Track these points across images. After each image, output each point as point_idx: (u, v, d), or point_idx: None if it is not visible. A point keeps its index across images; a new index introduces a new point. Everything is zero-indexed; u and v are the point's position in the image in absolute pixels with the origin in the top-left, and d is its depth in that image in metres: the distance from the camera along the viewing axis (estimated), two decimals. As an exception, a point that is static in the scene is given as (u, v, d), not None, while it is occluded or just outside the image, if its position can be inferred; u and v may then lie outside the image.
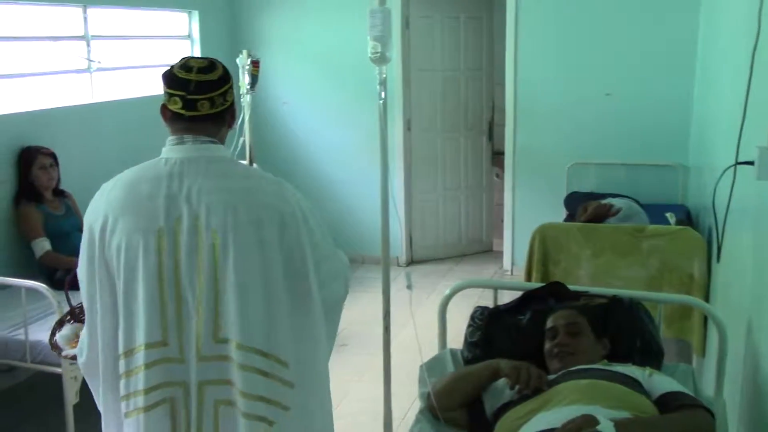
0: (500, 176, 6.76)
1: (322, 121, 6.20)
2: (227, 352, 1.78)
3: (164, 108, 1.85)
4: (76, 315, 2.32)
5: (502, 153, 6.46)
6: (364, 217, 6.24)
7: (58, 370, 3.24)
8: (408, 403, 3.90)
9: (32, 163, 4.04)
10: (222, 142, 1.90)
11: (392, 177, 6.08)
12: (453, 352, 2.61)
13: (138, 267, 1.78)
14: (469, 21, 6.09)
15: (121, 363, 1.82)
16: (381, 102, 2.60)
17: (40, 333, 3.36)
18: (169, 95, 1.82)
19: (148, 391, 1.79)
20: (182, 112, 1.81)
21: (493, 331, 2.49)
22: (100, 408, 1.93)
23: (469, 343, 2.53)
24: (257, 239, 1.78)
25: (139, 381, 1.80)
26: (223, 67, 1.87)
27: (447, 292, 2.71)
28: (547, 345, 2.31)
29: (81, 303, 2.02)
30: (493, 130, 6.45)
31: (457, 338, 2.94)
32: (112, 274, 1.81)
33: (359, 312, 5.21)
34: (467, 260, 6.37)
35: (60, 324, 2.31)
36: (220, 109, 1.85)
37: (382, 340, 4.68)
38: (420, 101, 6.06)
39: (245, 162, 4.53)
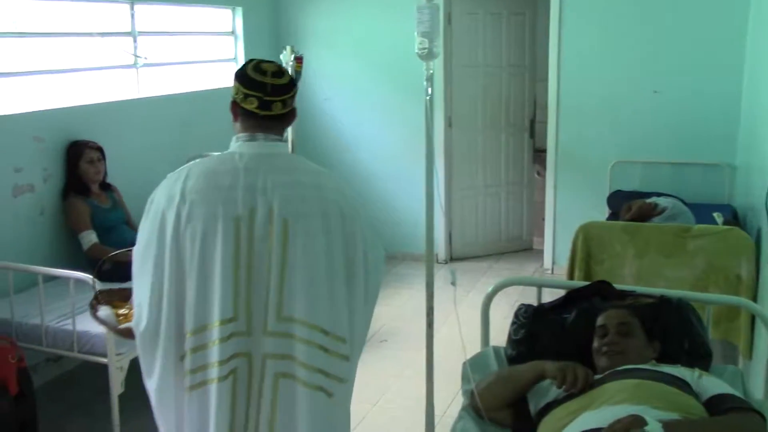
0: (541, 174, 6.71)
1: (363, 117, 6.21)
2: (291, 330, 1.94)
3: (236, 105, 2.02)
4: (100, 301, 2.35)
5: (544, 150, 6.40)
6: (404, 214, 6.24)
7: (104, 360, 3.30)
8: (448, 399, 3.90)
9: (80, 157, 4.11)
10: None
11: (433, 173, 6.06)
12: (496, 349, 2.59)
13: (216, 251, 1.93)
14: (512, 17, 6.04)
15: (190, 339, 1.95)
16: (427, 98, 2.59)
17: (87, 323, 3.42)
18: (245, 95, 1.97)
19: (222, 363, 1.93)
20: (257, 111, 1.98)
21: (537, 329, 2.47)
22: (152, 383, 2.03)
23: (512, 341, 2.52)
24: (322, 229, 1.97)
25: (213, 354, 1.93)
26: (288, 73, 2.05)
27: (490, 289, 2.69)
28: (596, 343, 2.29)
29: (101, 290, 2.32)
30: (534, 128, 6.39)
31: (497, 336, 2.93)
32: (183, 256, 1.94)
33: (398, 308, 5.21)
34: (507, 258, 6.33)
35: (94, 308, 2.32)
36: (288, 110, 2.04)
37: (421, 337, 4.68)
38: (461, 98, 6.03)
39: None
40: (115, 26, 4.64)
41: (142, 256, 2.01)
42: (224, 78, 5.79)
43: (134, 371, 3.48)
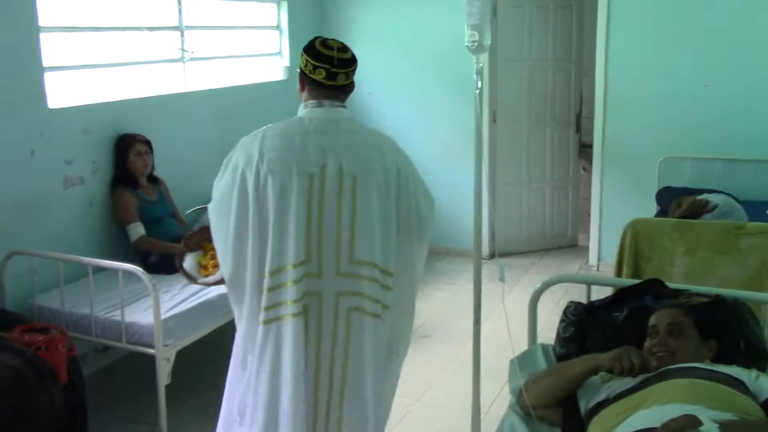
0: (587, 169, 6.61)
1: (406, 111, 6.18)
2: (360, 270, 2.24)
3: (304, 76, 2.30)
4: (190, 246, 2.57)
5: (590, 146, 6.30)
6: (447, 208, 6.19)
7: (152, 351, 3.34)
8: (492, 396, 3.87)
9: (128, 149, 4.17)
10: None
11: (474, 167, 6.01)
12: (544, 347, 2.56)
13: (291, 203, 2.19)
14: (558, 10, 5.96)
15: (267, 280, 2.21)
16: (477, 92, 2.55)
17: (135, 314, 3.47)
18: (314, 67, 2.25)
19: (295, 301, 2.20)
20: (324, 81, 2.26)
21: (586, 327, 2.43)
22: (242, 319, 2.31)
23: (562, 339, 2.48)
24: (383, 182, 2.27)
25: (288, 293, 2.20)
26: (350, 49, 2.33)
27: (538, 286, 2.66)
28: (647, 343, 2.24)
29: (190, 232, 2.60)
30: (580, 122, 6.30)
31: (541, 332, 2.89)
32: (264, 208, 2.20)
33: (441, 304, 5.19)
34: (551, 255, 6.25)
35: (181, 257, 2.54)
36: (350, 82, 2.33)
37: (463, 333, 4.66)
38: (506, 92, 5.97)
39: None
40: (162, 21, 4.68)
41: (219, 211, 2.27)
42: (269, 72, 5.82)
43: (181, 362, 3.53)
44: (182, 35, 4.79)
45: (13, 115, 3.63)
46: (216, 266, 2.45)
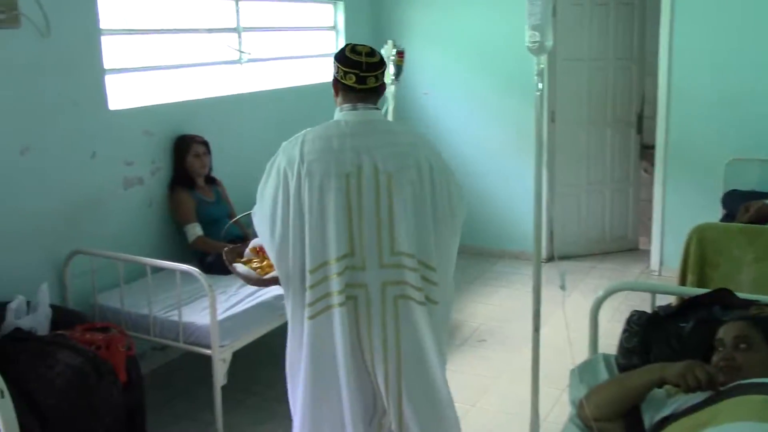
0: (648, 171, 6.45)
1: (462, 111, 6.12)
2: (401, 261, 2.39)
3: (337, 82, 2.45)
4: (230, 260, 2.76)
5: (652, 147, 6.13)
6: (503, 210, 6.12)
7: (208, 351, 3.36)
8: (550, 403, 3.80)
9: (187, 150, 4.21)
10: None
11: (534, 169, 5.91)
12: (606, 357, 2.47)
13: (330, 202, 2.35)
14: (619, 7, 5.81)
15: (309, 277, 2.37)
16: (538, 93, 2.48)
17: (192, 315, 3.50)
18: (345, 72, 2.40)
19: (340, 292, 2.36)
20: (355, 85, 2.40)
21: (651, 338, 2.34)
22: (289, 318, 2.50)
23: (624, 350, 2.39)
24: (417, 178, 2.40)
25: (333, 285, 2.36)
26: (379, 53, 2.47)
27: (600, 293, 2.57)
28: (715, 357, 2.14)
29: (227, 249, 2.78)
30: (642, 123, 6.14)
31: (599, 340, 2.80)
32: (304, 208, 2.36)
33: (497, 307, 5.11)
34: (611, 258, 6.11)
35: (230, 264, 2.72)
36: (380, 84, 2.47)
37: (520, 338, 4.58)
38: (565, 92, 5.85)
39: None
40: (220, 23, 4.72)
41: (264, 213, 2.44)
42: (325, 73, 5.82)
43: (237, 362, 3.54)
44: (239, 37, 4.82)
45: (75, 116, 3.70)
46: (271, 266, 2.58)
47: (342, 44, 5.85)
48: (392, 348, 2.40)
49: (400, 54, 4.27)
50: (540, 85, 2.56)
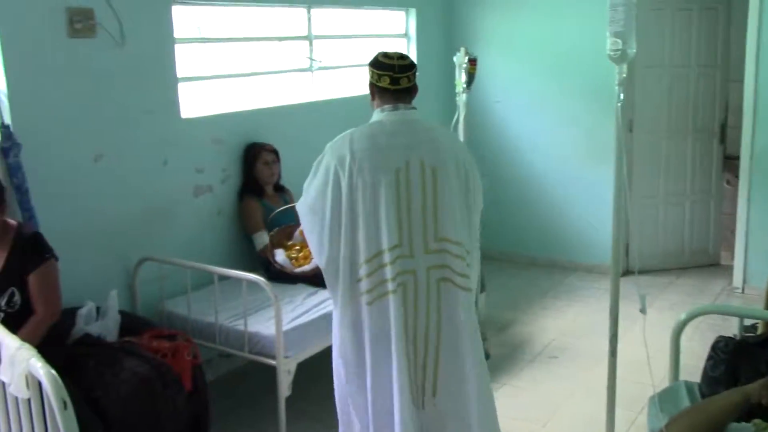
0: (731, 183, 6.16)
1: (535, 120, 5.96)
2: (444, 246, 2.61)
3: (372, 86, 2.68)
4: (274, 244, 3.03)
5: (735, 157, 5.84)
6: (576, 221, 5.94)
7: (273, 362, 3.33)
8: (625, 425, 3.63)
9: (256, 158, 4.21)
10: None
11: (611, 181, 5.71)
12: (689, 385, 2.32)
13: (381, 196, 2.55)
14: (703, 12, 5.57)
15: (365, 266, 2.56)
16: (619, 105, 2.36)
17: (258, 324, 3.48)
18: (379, 75, 2.62)
19: (393, 279, 2.56)
20: (390, 86, 2.62)
21: (739, 367, 2.18)
22: (338, 306, 2.64)
23: (709, 378, 2.24)
24: (455, 172, 2.65)
25: (387, 273, 2.56)
26: (409, 57, 2.69)
27: (683, 317, 2.42)
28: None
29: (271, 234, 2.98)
30: (725, 132, 5.86)
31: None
32: (356, 202, 2.55)
33: (569, 322, 4.95)
34: (689, 273, 5.85)
35: (272, 254, 3.01)
36: (412, 84, 2.67)
37: (594, 355, 4.41)
38: (644, 100, 5.64)
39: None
40: (292, 31, 4.71)
41: (313, 207, 2.62)
42: (396, 80, 5.76)
43: (302, 374, 3.50)
44: (311, 44, 4.81)
45: (149, 124, 3.73)
46: (306, 258, 2.80)
47: (414, 52, 5.82)
48: (433, 330, 2.63)
49: (473, 62, 4.17)
50: (621, 96, 2.41)
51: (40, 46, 3.24)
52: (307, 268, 2.92)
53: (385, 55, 2.66)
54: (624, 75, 2.39)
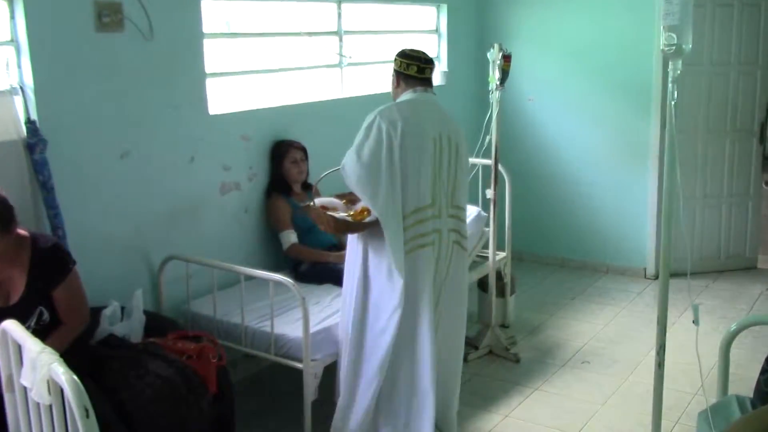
0: (769, 184, 5.99)
1: (568, 118, 5.82)
2: (458, 213, 3.24)
3: (399, 75, 3.19)
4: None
5: (775, 158, 5.72)
6: (611, 223, 5.80)
7: (300, 365, 3.25)
8: (663, 437, 3.48)
9: (284, 156, 4.13)
10: None
11: (646, 181, 5.58)
12: (740, 400, 2.20)
13: (426, 159, 3.06)
14: (744, 8, 5.40)
15: (408, 219, 3.04)
16: (673, 103, 2.24)
17: (284, 326, 3.40)
18: (408, 64, 3.16)
19: (428, 234, 3.10)
20: (417, 75, 3.16)
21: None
22: (391, 243, 3.01)
23: (763, 393, 2.11)
24: (465, 151, 3.26)
25: (425, 227, 3.09)
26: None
27: (732, 327, 2.30)
28: None
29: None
30: (765, 132, 5.69)
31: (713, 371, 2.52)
32: (405, 161, 3.00)
33: (602, 327, 4.82)
34: (725, 277, 5.68)
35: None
36: (431, 77, 3.23)
37: (627, 360, 4.30)
38: (681, 99, 5.44)
39: (490, 161, 4.34)
40: (322, 26, 4.63)
41: (368, 165, 2.98)
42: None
43: (328, 378, 3.42)
44: (341, 40, 4.72)
45: (176, 121, 3.67)
46: (364, 211, 3.08)
47: (445, 48, 5.72)
48: (445, 281, 3.23)
49: (507, 58, 4.06)
50: (675, 95, 2.29)
51: (68, 40, 3.18)
52: (372, 217, 3.05)
53: (411, 49, 3.19)
54: (679, 71, 2.25)
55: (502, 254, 4.62)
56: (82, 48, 3.23)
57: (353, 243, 3.25)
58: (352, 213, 3.13)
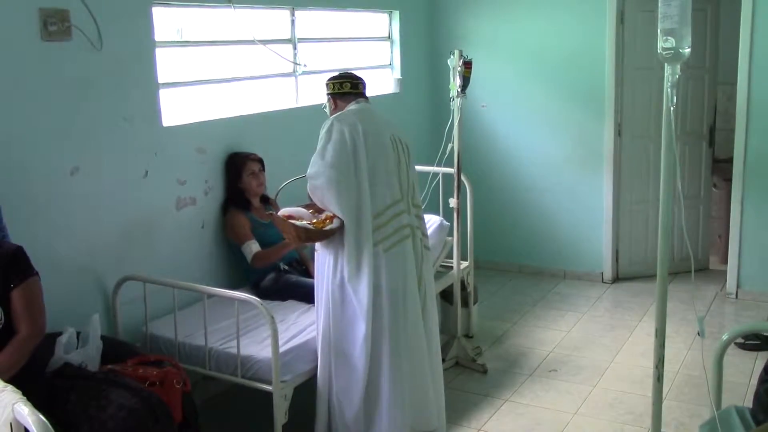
0: (717, 186, 6.08)
1: (522, 125, 5.80)
2: (418, 212, 3.35)
3: (333, 96, 3.33)
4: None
5: (722, 161, 5.79)
6: (565, 228, 5.80)
7: (269, 387, 3.10)
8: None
9: (242, 169, 3.96)
10: None
11: (601, 187, 5.60)
12: (740, 411, 2.15)
13: (389, 157, 3.17)
14: (692, 14, 5.45)
15: (378, 219, 3.10)
16: (672, 108, 2.18)
17: (251, 347, 3.25)
18: (341, 83, 3.31)
19: (403, 228, 3.19)
20: (351, 90, 3.30)
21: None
22: (358, 248, 3.09)
23: (764, 404, 2.07)
24: (412, 149, 3.34)
25: (401, 220, 3.18)
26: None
27: (725, 336, 2.25)
28: None
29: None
30: (713, 135, 5.78)
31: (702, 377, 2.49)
32: (371, 159, 3.08)
33: (564, 333, 4.79)
34: (680, 279, 5.72)
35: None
36: (365, 92, 3.35)
37: (593, 366, 4.27)
38: (633, 104, 5.52)
39: (452, 169, 4.27)
40: (275, 33, 4.49)
41: (333, 164, 3.05)
42: (380, 85, 5.56)
43: (297, 397, 3.28)
44: (295, 48, 4.58)
45: (128, 134, 3.48)
46: (327, 219, 3.08)
47: (397, 55, 5.65)
48: (422, 276, 3.32)
49: (468, 64, 3.99)
50: (674, 100, 2.22)
51: (12, 49, 2.98)
52: (334, 225, 3.05)
53: (339, 73, 3.38)
54: (678, 75, 2.20)
55: (465, 263, 4.55)
56: (27, 58, 3.03)
57: (323, 252, 3.20)
58: (315, 221, 3.12)
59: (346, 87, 3.27)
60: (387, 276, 3.11)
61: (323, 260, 3.20)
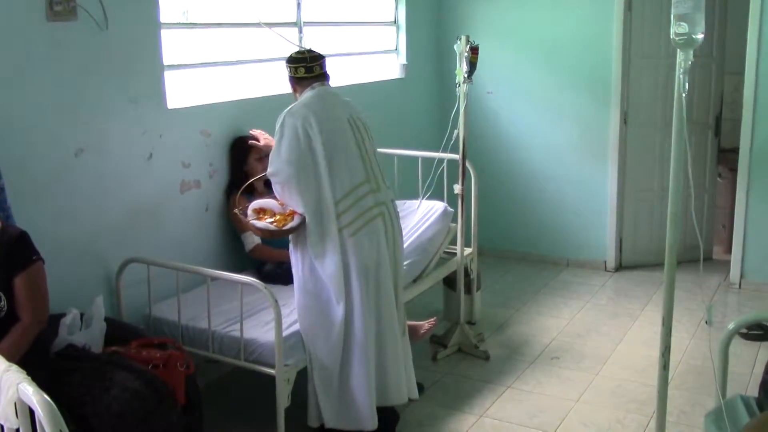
0: (722, 176, 6.06)
1: (528, 112, 5.78)
2: (388, 189, 3.34)
3: (293, 80, 3.30)
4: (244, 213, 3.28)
5: (729, 150, 5.76)
6: (570, 216, 5.79)
7: (272, 371, 3.10)
8: (637, 430, 3.47)
9: (248, 153, 3.95)
10: None
11: (606, 175, 5.58)
12: (745, 400, 2.15)
13: (348, 140, 3.19)
14: (701, 2, 5.43)
15: (341, 204, 3.10)
16: (684, 95, 2.16)
17: (254, 330, 3.25)
18: (295, 68, 3.27)
19: (371, 208, 3.17)
20: (306, 75, 3.27)
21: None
22: (320, 246, 3.12)
23: (769, 393, 2.07)
24: (370, 129, 3.33)
25: (367, 202, 3.16)
26: (318, 51, 3.33)
27: (731, 326, 2.25)
28: None
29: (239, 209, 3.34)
30: (719, 125, 5.75)
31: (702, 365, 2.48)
32: (328, 147, 3.08)
33: (568, 321, 4.79)
34: (683, 268, 5.61)
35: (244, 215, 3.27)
36: (324, 72, 3.31)
37: (596, 354, 4.27)
38: (639, 92, 5.49)
39: (457, 155, 4.25)
40: (281, 16, 4.46)
41: (288, 160, 3.07)
42: (386, 70, 5.53)
43: (300, 382, 3.28)
44: (301, 31, 4.56)
45: (133, 115, 3.47)
46: (287, 217, 3.11)
47: (403, 40, 5.61)
48: (396, 247, 3.32)
49: (474, 50, 3.97)
50: (686, 86, 2.20)
51: (17, 30, 2.95)
52: (294, 223, 3.08)
53: (297, 52, 3.30)
54: (690, 63, 2.17)
55: (468, 250, 4.54)
56: (32, 38, 3.01)
57: (294, 244, 3.23)
58: (276, 218, 3.15)
59: (300, 72, 3.24)
60: (356, 256, 3.10)
61: (293, 252, 3.24)
